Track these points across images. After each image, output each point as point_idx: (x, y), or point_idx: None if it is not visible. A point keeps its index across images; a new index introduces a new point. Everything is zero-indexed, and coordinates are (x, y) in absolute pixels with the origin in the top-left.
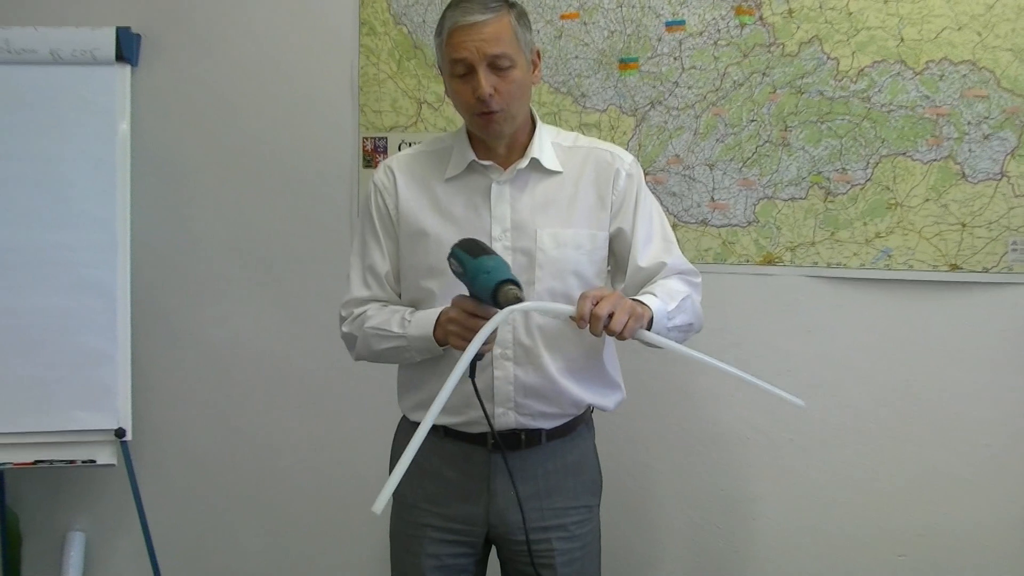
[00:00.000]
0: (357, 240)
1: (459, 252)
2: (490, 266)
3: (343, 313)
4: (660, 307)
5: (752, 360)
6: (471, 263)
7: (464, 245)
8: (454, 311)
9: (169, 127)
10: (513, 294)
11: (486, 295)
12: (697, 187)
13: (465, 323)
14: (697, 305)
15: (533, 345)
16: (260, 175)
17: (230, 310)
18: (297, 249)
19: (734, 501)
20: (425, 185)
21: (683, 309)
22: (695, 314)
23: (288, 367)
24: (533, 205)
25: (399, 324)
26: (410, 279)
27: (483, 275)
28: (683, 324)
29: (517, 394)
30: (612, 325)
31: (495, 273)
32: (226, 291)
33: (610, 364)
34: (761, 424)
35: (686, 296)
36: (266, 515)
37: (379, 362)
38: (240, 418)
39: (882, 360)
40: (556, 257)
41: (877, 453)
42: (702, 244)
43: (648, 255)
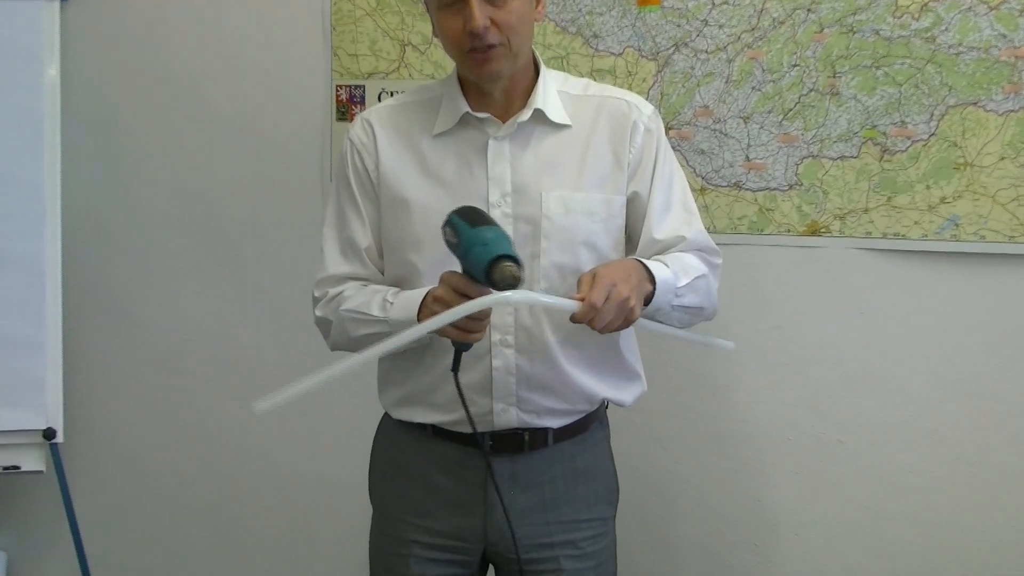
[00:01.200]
0: (331, 207)
1: (456, 219)
2: (488, 238)
3: (316, 294)
4: (669, 279)
5: (794, 346)
6: (468, 233)
7: (463, 212)
8: (441, 289)
9: (106, 72)
10: (510, 272)
11: (479, 271)
12: (729, 144)
13: (451, 302)
14: (713, 289)
15: (538, 329)
16: (215, 130)
17: (180, 290)
18: (259, 218)
19: (772, 514)
20: (410, 142)
21: (695, 288)
22: (708, 298)
23: (249, 357)
24: (537, 165)
25: (380, 306)
26: (393, 252)
27: (478, 247)
28: (692, 305)
29: (519, 387)
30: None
31: (493, 246)
32: (175, 268)
33: (629, 351)
34: (805, 423)
35: (702, 275)
36: (222, 530)
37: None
38: (191, 417)
39: (948, 348)
40: (565, 226)
41: (942, 458)
42: (735, 211)
43: (665, 226)
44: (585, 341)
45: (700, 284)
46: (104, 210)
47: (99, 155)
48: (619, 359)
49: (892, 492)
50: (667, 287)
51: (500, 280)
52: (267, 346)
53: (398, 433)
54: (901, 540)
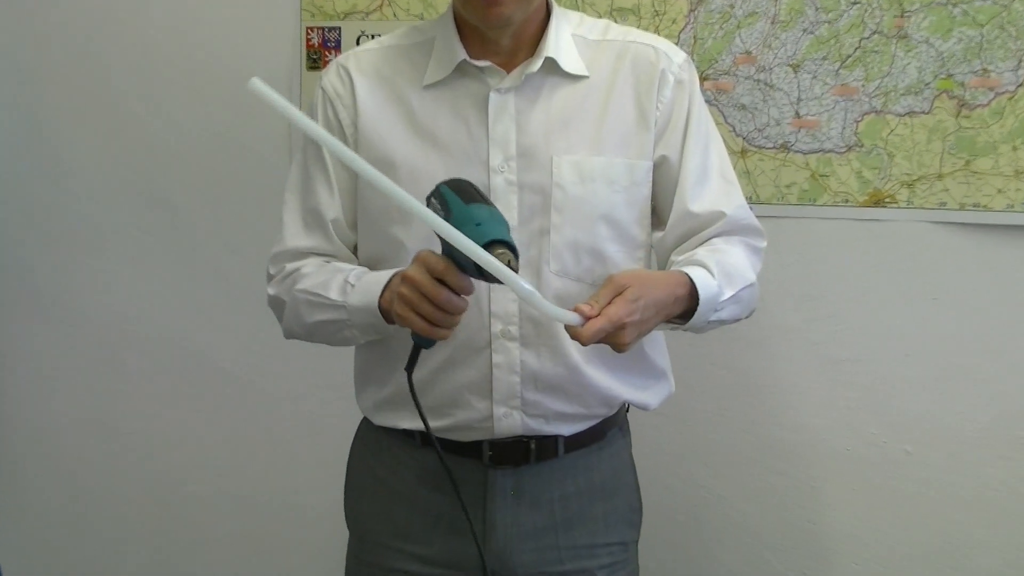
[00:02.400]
0: (295, 170)
1: (447, 192)
2: (483, 217)
3: (271, 270)
4: (714, 295)
5: (853, 340)
6: (460, 209)
7: (455, 185)
8: (414, 270)
9: (26, 9)
10: (505, 261)
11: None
12: (776, 97)
13: (423, 287)
14: (756, 293)
15: (547, 318)
16: (161, 81)
17: (117, 272)
18: (213, 187)
19: (828, 540)
20: (395, 94)
21: (738, 300)
22: (750, 304)
23: (201, 354)
24: (548, 123)
25: (339, 289)
26: (373, 226)
27: (470, 228)
28: (730, 318)
29: (525, 387)
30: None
31: (487, 228)
32: (111, 246)
33: (653, 345)
34: (866, 430)
35: (749, 284)
36: (168, 558)
37: (313, 340)
38: (131, 421)
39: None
40: (580, 196)
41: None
42: (782, 178)
43: (703, 199)
44: None
45: (745, 294)
46: (25, 176)
47: (18, 110)
48: (642, 355)
49: (973, 514)
50: (709, 305)
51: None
52: (223, 340)
53: (379, 442)
54: (985, 572)
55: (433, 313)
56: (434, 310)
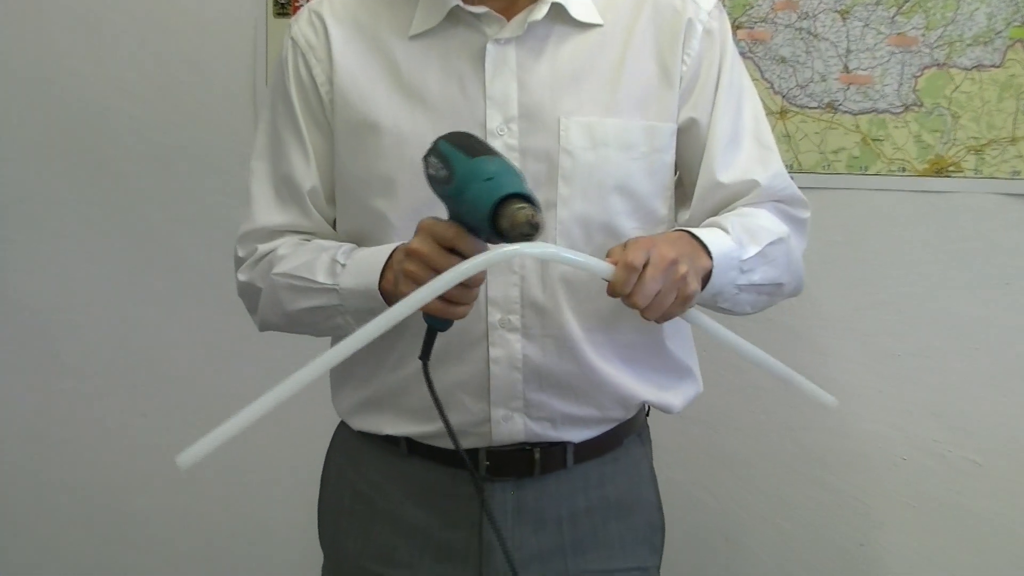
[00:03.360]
0: (263, 134)
1: (447, 147)
2: (493, 170)
3: (240, 252)
4: (731, 250)
5: (911, 331)
6: (464, 164)
7: (456, 138)
8: (418, 241)
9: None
10: (525, 216)
11: (480, 216)
12: (821, 49)
13: (433, 260)
14: (797, 256)
15: (554, 306)
16: (105, 33)
17: (51, 250)
18: (167, 152)
19: (880, 563)
20: (377, 45)
21: (770, 258)
22: (790, 269)
23: (149, 344)
24: (555, 79)
25: (327, 269)
26: (352, 197)
27: (478, 184)
28: (767, 281)
29: (528, 386)
30: (649, 310)
31: (500, 181)
32: (45, 220)
33: (677, 337)
34: (926, 437)
35: (779, 239)
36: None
37: (295, 331)
38: (66, 426)
39: None
40: (592, 163)
41: None
42: (828, 143)
43: (733, 166)
44: (619, 323)
45: (776, 251)
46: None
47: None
48: (662, 348)
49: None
50: (729, 260)
51: (511, 228)
52: (178, 332)
53: (359, 450)
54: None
55: (450, 290)
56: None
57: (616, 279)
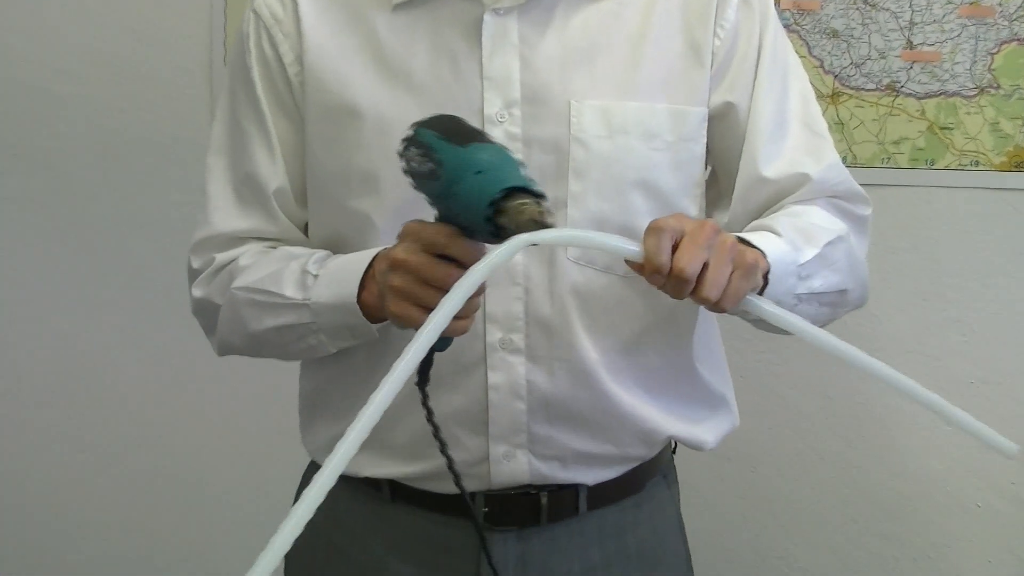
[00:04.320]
0: (220, 124)
1: (427, 135)
2: (486, 160)
3: (195, 263)
4: (785, 254)
5: (987, 353)
6: (451, 155)
7: (437, 124)
8: (403, 249)
9: None
10: (530, 214)
11: (476, 216)
12: (880, 20)
13: (423, 271)
14: (858, 255)
15: (563, 322)
16: (42, 3)
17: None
18: (111, 141)
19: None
20: (355, 16)
21: (830, 261)
22: (854, 272)
23: (92, 366)
24: (564, 56)
25: (296, 281)
26: (328, 197)
27: (471, 177)
28: (829, 288)
29: (533, 418)
30: (704, 285)
31: (497, 174)
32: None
33: (709, 360)
34: (1003, 479)
35: (837, 237)
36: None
37: (260, 355)
38: (7, 466)
39: None
40: (608, 154)
41: None
42: (889, 132)
43: (779, 158)
44: (641, 344)
45: (837, 252)
46: None
47: None
48: (692, 374)
49: None
50: (785, 266)
51: (514, 228)
52: (125, 353)
53: (334, 495)
54: None
55: None
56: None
57: (647, 248)
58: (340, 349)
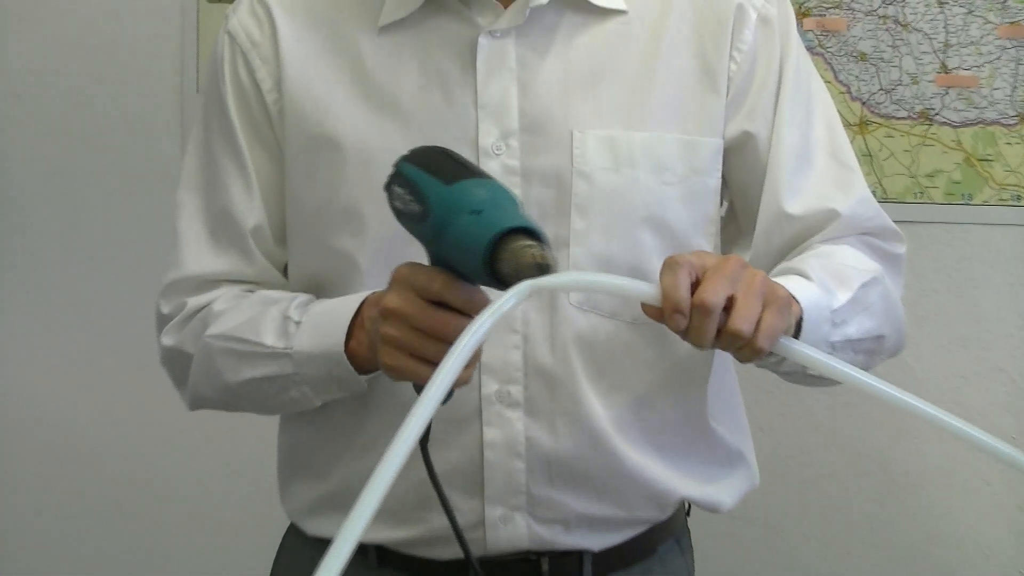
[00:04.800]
0: (193, 157)
1: (413, 171)
2: (480, 199)
3: (164, 308)
4: (818, 299)
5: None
6: (441, 194)
7: (422, 158)
8: (398, 296)
9: None
10: (533, 257)
11: (473, 261)
12: (912, 42)
13: (418, 320)
14: (895, 298)
15: (567, 374)
16: None
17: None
18: (71, 174)
19: None
20: (337, 39)
21: (865, 305)
22: (889, 315)
23: (45, 420)
24: (566, 81)
25: (277, 328)
26: (308, 235)
27: (466, 219)
28: (864, 335)
29: (533, 477)
30: (734, 318)
31: (493, 213)
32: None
33: (726, 416)
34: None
35: (872, 278)
36: None
37: (238, 408)
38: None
39: None
40: (615, 189)
41: None
42: (922, 164)
43: (804, 192)
44: (652, 397)
45: (872, 295)
46: None
47: None
48: (708, 429)
49: None
50: (819, 311)
51: (515, 274)
52: (84, 406)
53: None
54: None
55: (441, 354)
56: (443, 349)
57: (665, 284)
58: (324, 402)
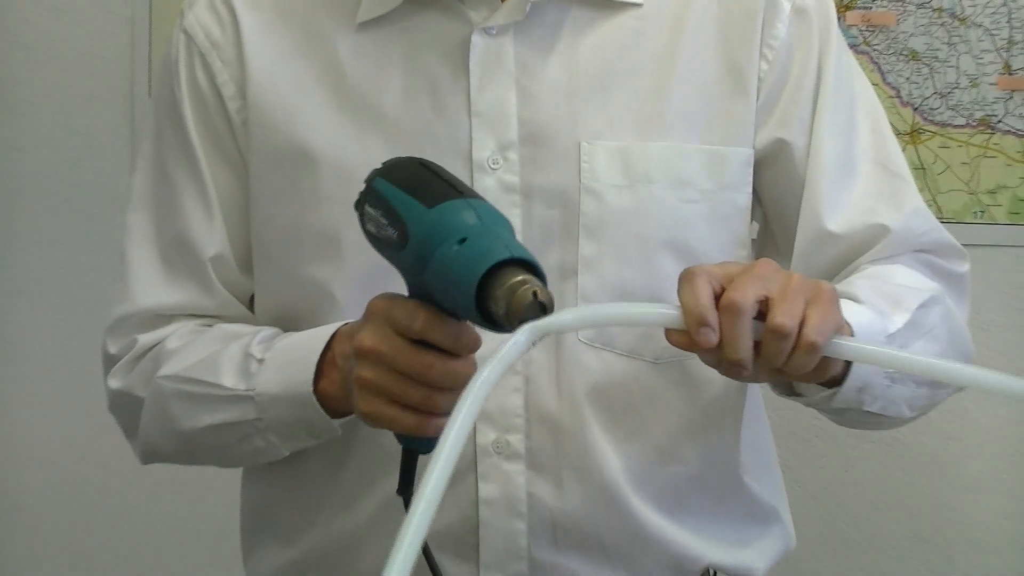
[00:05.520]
0: (143, 173)
1: (387, 189)
2: (467, 225)
3: (111, 348)
4: (871, 322)
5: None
6: (420, 219)
7: (399, 173)
8: (374, 333)
9: None
10: (530, 295)
11: (459, 297)
12: (971, 38)
13: (403, 362)
14: (959, 322)
15: (575, 421)
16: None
17: None
18: (7, 189)
19: None
20: (310, 37)
21: (926, 328)
22: (954, 341)
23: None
24: (572, 84)
25: (238, 367)
26: (277, 262)
27: (451, 250)
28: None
29: (536, 541)
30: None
31: (483, 243)
32: None
33: (758, 467)
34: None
35: (931, 298)
36: None
37: (195, 461)
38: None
39: None
40: (629, 208)
41: None
42: (983, 178)
43: (848, 207)
44: (676, 448)
45: (932, 316)
46: None
47: None
48: (739, 484)
49: None
50: (871, 338)
51: (511, 314)
52: (22, 455)
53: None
54: None
55: (425, 399)
56: (427, 393)
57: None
58: (293, 451)
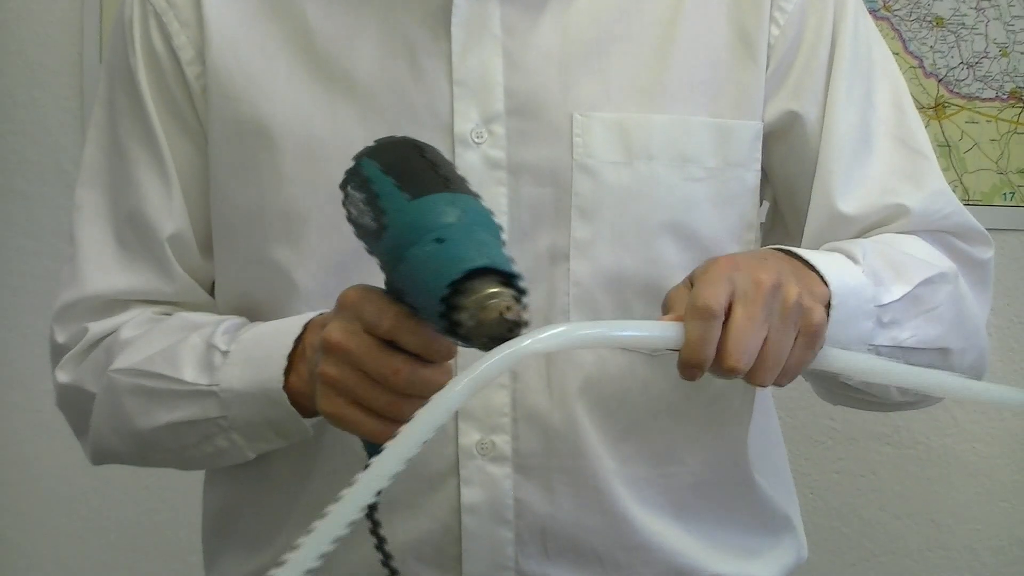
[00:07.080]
0: (95, 144)
1: (373, 172)
2: (446, 223)
3: (59, 337)
4: (860, 287)
5: None
6: (400, 209)
7: (388, 156)
8: (343, 328)
9: None
10: (498, 310)
11: (428, 302)
12: (1001, 3)
13: (369, 363)
14: (972, 309)
15: (566, 420)
16: None
17: None
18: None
19: None
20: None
21: (928, 306)
22: (961, 326)
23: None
24: (565, 50)
25: (199, 360)
26: (238, 244)
27: (426, 248)
28: (922, 344)
29: (524, 550)
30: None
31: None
32: None
33: (768, 469)
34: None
35: (939, 274)
36: None
37: (150, 463)
38: None
39: None
40: (627, 187)
41: None
42: (1014, 157)
43: (863, 185)
44: (676, 449)
45: (938, 295)
46: None
47: None
48: (748, 487)
49: None
50: (858, 301)
51: (475, 328)
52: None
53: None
54: None
55: (389, 405)
56: (392, 399)
57: (689, 339)
58: (260, 453)
